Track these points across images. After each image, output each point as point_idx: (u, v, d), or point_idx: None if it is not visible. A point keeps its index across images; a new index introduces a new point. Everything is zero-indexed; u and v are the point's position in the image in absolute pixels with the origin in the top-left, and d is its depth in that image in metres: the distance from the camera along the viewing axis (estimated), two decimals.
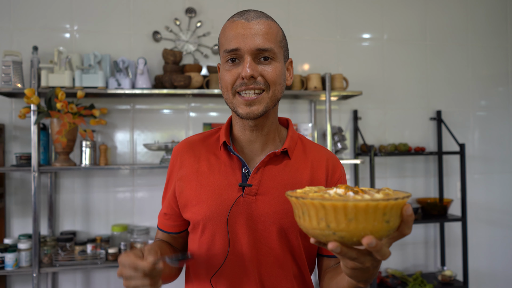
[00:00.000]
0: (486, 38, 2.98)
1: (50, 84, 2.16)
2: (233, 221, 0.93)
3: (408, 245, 2.81)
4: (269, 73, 0.89)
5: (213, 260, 0.95)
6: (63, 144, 2.10)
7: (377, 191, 0.66)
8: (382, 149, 2.65)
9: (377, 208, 0.57)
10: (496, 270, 2.93)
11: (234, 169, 0.96)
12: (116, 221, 2.45)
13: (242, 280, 0.94)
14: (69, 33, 2.43)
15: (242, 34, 0.88)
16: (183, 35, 2.54)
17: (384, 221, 0.58)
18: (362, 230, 0.58)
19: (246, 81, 0.88)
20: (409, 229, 0.63)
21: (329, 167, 1.00)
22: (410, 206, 0.61)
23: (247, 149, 0.99)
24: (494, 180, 2.96)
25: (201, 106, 2.58)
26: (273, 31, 0.91)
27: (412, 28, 2.88)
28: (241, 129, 0.98)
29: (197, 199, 0.96)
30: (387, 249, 0.62)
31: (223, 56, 0.92)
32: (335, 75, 2.51)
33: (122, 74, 2.31)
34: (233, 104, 0.92)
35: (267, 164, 0.96)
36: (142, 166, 2.28)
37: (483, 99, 2.97)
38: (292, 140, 1.00)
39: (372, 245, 0.57)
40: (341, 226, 0.58)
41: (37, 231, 2.10)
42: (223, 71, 0.93)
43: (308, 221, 0.62)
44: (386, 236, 0.61)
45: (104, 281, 2.42)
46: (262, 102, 0.90)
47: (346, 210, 0.57)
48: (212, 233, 0.94)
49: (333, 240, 0.60)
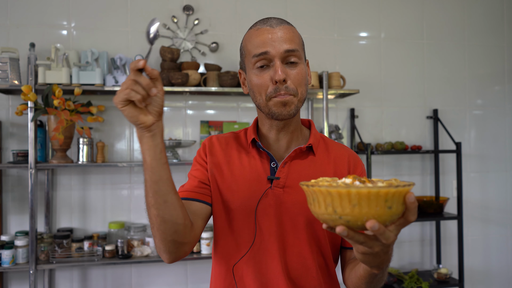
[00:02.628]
0: (483, 37, 2.99)
1: (47, 81, 2.16)
2: (262, 212, 0.98)
3: (404, 243, 2.82)
4: (296, 76, 0.96)
5: (239, 248, 0.99)
6: (60, 141, 2.10)
7: (383, 181, 0.72)
8: (378, 147, 2.66)
9: (378, 194, 0.62)
10: (491, 268, 2.95)
11: (263, 163, 1.02)
12: (113, 218, 2.45)
13: (267, 270, 0.97)
14: (66, 30, 2.42)
15: (269, 39, 0.94)
16: (180, 32, 2.54)
17: (386, 207, 0.63)
18: (365, 214, 0.63)
19: (279, 85, 0.94)
20: (414, 216, 0.67)
21: (351, 164, 1.06)
22: (413, 194, 0.66)
23: (274, 147, 1.05)
24: (490, 178, 2.97)
25: (199, 104, 2.58)
26: (296, 35, 0.99)
27: (409, 26, 2.88)
28: (269, 129, 1.04)
29: (228, 188, 1.01)
30: (391, 233, 0.66)
31: (252, 61, 0.97)
32: (332, 73, 2.51)
33: (120, 71, 2.31)
34: (268, 107, 0.97)
35: (293, 159, 1.02)
36: (140, 164, 2.28)
37: (480, 98, 2.98)
38: (316, 138, 1.06)
39: (375, 228, 0.62)
40: (346, 211, 0.64)
41: (34, 228, 2.10)
42: (253, 77, 0.98)
43: (318, 207, 0.67)
44: (389, 221, 0.66)
45: (101, 278, 2.42)
46: (293, 103, 0.96)
47: (350, 196, 0.63)
48: (240, 222, 0.99)
49: (340, 224, 0.65)
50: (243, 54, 1.02)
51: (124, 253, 2.25)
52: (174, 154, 2.35)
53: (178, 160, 2.32)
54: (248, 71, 1.00)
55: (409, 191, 0.66)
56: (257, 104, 1.00)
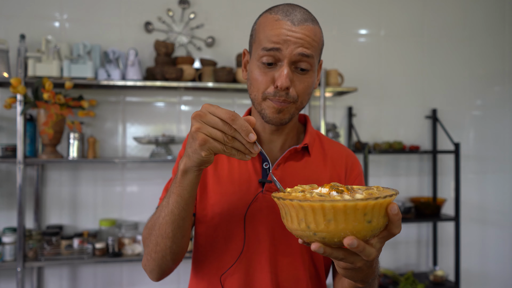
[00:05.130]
0: (483, 36, 2.95)
1: (38, 73, 2.10)
2: (251, 218, 0.90)
3: (400, 244, 2.79)
4: (302, 85, 0.87)
5: (225, 257, 0.91)
6: (50, 136, 2.04)
7: (365, 189, 0.65)
8: (376, 147, 2.62)
9: (355, 208, 0.56)
10: (488, 271, 2.92)
11: (255, 164, 0.94)
12: (104, 215, 2.40)
13: (255, 280, 0.90)
14: (58, 22, 2.36)
15: (286, 36, 0.84)
16: (176, 26, 2.48)
17: (365, 221, 0.57)
18: (342, 230, 0.57)
19: (280, 91, 0.85)
20: (397, 228, 0.61)
21: (348, 164, 0.99)
22: (396, 205, 0.60)
23: (267, 146, 0.97)
24: (488, 179, 2.94)
25: (194, 100, 2.53)
26: (317, 38, 0.88)
27: (409, 24, 2.83)
28: (261, 126, 0.96)
29: (214, 191, 0.93)
30: (372, 249, 0.60)
31: (259, 53, 0.87)
32: (330, 70, 2.46)
33: (112, 65, 2.25)
34: (261, 107, 0.89)
35: (287, 160, 0.94)
36: (133, 160, 2.23)
37: (480, 98, 2.94)
38: (311, 137, 0.99)
39: (353, 246, 0.56)
40: (320, 227, 0.57)
41: (22, 225, 2.05)
42: (256, 69, 0.88)
43: (290, 222, 0.61)
44: (370, 236, 0.60)
45: (91, 276, 2.37)
46: (289, 111, 0.89)
47: (324, 210, 0.56)
48: (228, 229, 0.91)
49: (315, 240, 0.59)
50: (252, 37, 0.92)
51: (114, 251, 2.19)
52: (167, 151, 2.30)
53: (172, 157, 2.27)
54: (253, 60, 0.90)
55: (392, 202, 0.59)
56: (252, 98, 0.92)
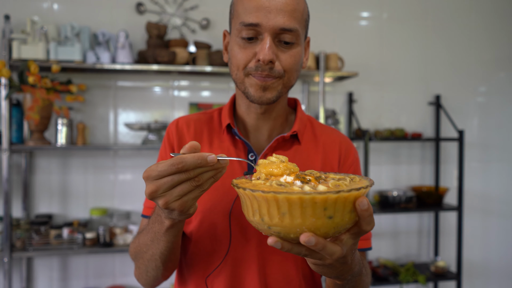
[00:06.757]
0: (489, 20, 2.83)
1: (23, 56, 2.00)
2: (237, 214, 0.82)
3: (401, 234, 2.71)
4: (288, 60, 0.80)
5: (211, 257, 0.84)
6: (36, 122, 1.95)
7: (339, 179, 0.57)
8: (377, 134, 2.53)
9: (313, 202, 0.49)
10: (490, 261, 2.85)
11: (239, 155, 0.86)
12: (95, 204, 2.32)
13: (243, 280, 0.83)
14: (45, 2, 2.25)
15: (265, 7, 0.76)
16: (169, 7, 2.37)
17: (325, 217, 0.50)
18: (298, 226, 0.51)
19: (263, 65, 0.78)
20: (369, 225, 0.53)
21: (342, 151, 0.91)
22: (365, 199, 0.51)
23: (253, 134, 0.89)
24: (492, 168, 2.85)
25: (188, 85, 2.43)
26: (301, 8, 0.80)
27: (413, 7, 2.72)
28: (246, 111, 0.88)
29: None
30: (336, 247, 0.53)
31: (238, 29, 0.79)
32: (330, 54, 2.36)
33: (102, 47, 2.15)
34: (244, 85, 0.82)
35: (275, 150, 0.87)
36: (124, 147, 2.15)
37: (484, 84, 2.84)
38: (302, 123, 0.91)
39: (311, 244, 0.50)
40: (274, 220, 0.51)
41: (9, 214, 1.97)
42: (235, 46, 0.81)
43: (246, 212, 0.56)
44: (334, 233, 0.53)
45: (82, 266, 2.31)
46: (276, 88, 0.81)
47: (278, 203, 0.50)
48: (212, 227, 0.83)
49: (270, 234, 0.53)
50: (231, 13, 0.84)
51: (106, 241, 2.12)
52: (160, 137, 2.22)
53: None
54: (233, 37, 0.82)
55: (361, 196, 0.51)
56: (234, 79, 0.84)
